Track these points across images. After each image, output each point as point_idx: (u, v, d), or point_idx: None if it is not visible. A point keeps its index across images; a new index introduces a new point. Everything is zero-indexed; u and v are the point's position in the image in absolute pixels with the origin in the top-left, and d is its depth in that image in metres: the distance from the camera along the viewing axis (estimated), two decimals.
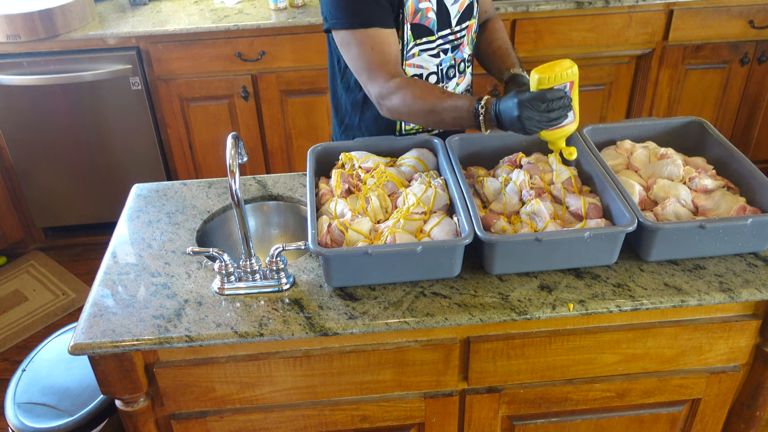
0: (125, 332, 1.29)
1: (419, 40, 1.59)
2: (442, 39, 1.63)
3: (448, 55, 1.66)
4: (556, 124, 1.35)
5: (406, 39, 1.58)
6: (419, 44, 1.60)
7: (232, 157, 1.28)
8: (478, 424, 1.53)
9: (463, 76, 1.74)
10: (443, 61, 1.65)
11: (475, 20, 1.70)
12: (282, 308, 1.33)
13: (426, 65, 1.64)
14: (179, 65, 2.75)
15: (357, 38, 1.50)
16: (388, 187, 1.51)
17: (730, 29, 2.84)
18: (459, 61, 1.70)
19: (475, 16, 1.69)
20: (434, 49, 1.63)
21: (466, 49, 1.70)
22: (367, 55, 1.51)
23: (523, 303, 1.32)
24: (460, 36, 1.66)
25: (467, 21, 1.66)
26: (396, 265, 1.33)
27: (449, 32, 1.63)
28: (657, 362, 1.47)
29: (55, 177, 2.96)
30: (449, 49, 1.65)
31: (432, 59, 1.63)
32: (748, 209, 1.40)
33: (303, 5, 2.83)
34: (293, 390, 1.42)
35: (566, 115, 1.35)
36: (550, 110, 1.31)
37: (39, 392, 1.68)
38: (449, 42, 1.65)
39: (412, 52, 1.60)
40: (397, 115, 1.54)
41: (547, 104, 1.31)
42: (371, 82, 1.52)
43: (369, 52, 1.50)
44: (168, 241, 1.53)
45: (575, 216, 1.44)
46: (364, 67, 1.52)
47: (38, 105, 2.77)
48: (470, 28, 1.68)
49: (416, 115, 1.50)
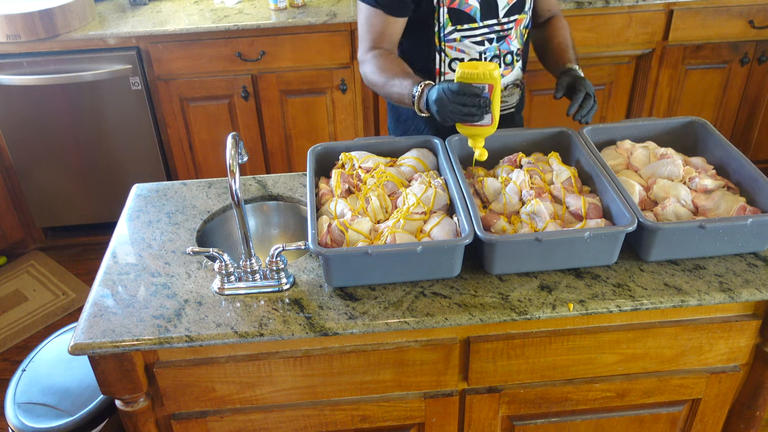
0: (125, 332, 1.29)
1: (459, 26, 1.65)
2: (488, 28, 1.66)
3: (493, 45, 1.69)
4: (469, 120, 1.41)
5: (443, 22, 1.63)
6: (460, 30, 1.65)
7: (232, 157, 1.28)
8: (478, 424, 1.53)
9: (510, 68, 1.75)
10: (488, 50, 1.69)
11: (527, 15, 1.71)
12: (282, 308, 1.33)
13: (468, 51, 1.69)
14: (179, 65, 2.75)
15: (363, 11, 1.67)
16: (388, 187, 1.51)
17: (730, 29, 2.84)
18: (505, 53, 1.72)
19: (527, 11, 1.70)
20: (478, 37, 1.66)
21: (514, 42, 1.72)
22: (365, 27, 1.67)
23: (523, 303, 1.32)
24: (507, 28, 1.69)
25: (516, 14, 1.68)
26: (396, 265, 1.33)
27: (495, 22, 1.66)
28: (657, 362, 1.47)
29: (55, 177, 2.96)
30: (494, 39, 1.68)
31: (475, 46, 1.68)
32: (748, 209, 1.40)
33: (303, 5, 2.83)
34: (293, 390, 1.42)
35: (482, 114, 1.39)
36: (463, 104, 1.38)
37: (39, 392, 1.68)
38: (495, 32, 1.68)
39: (452, 36, 1.66)
40: (366, 82, 1.69)
41: (461, 97, 1.37)
42: (360, 49, 1.70)
43: (367, 26, 1.67)
44: (168, 241, 1.53)
45: (575, 216, 1.44)
46: (360, 35, 1.69)
47: (38, 105, 2.77)
48: (519, 22, 1.70)
49: (374, 86, 1.65)
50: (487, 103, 1.38)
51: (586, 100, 1.56)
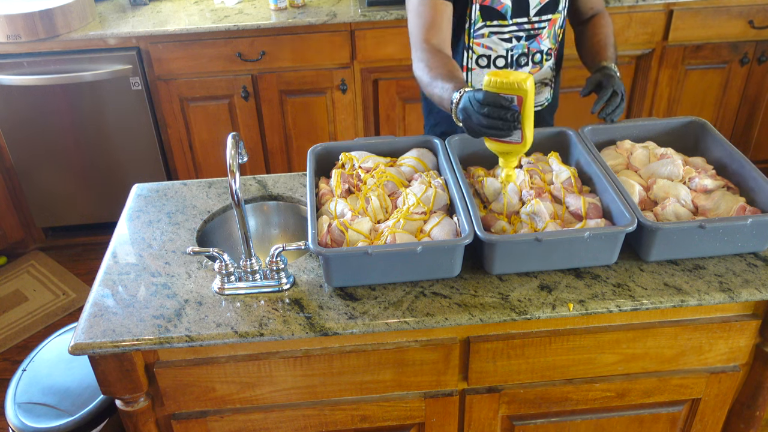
0: (125, 332, 1.29)
1: (489, 22, 1.64)
2: (517, 26, 1.66)
3: (521, 43, 1.68)
4: (494, 135, 1.29)
5: (474, 18, 1.63)
6: (490, 26, 1.65)
7: (232, 157, 1.28)
8: (478, 424, 1.53)
9: (539, 67, 1.75)
10: (515, 47, 1.69)
11: (561, 15, 1.70)
12: (282, 308, 1.33)
13: (495, 48, 1.68)
14: (179, 65, 2.75)
15: (412, 5, 1.63)
16: (388, 187, 1.51)
17: (730, 29, 2.84)
18: (534, 51, 1.71)
19: (560, 11, 1.69)
20: (506, 34, 1.66)
21: (545, 42, 1.71)
22: (414, 20, 1.62)
23: (523, 303, 1.32)
24: (538, 27, 1.68)
25: (549, 14, 1.68)
26: (396, 265, 1.33)
27: (526, 21, 1.66)
28: (657, 362, 1.47)
29: (55, 177, 2.96)
30: (523, 37, 1.68)
31: (503, 43, 1.67)
32: (748, 209, 1.40)
33: (303, 5, 2.83)
34: (293, 390, 1.42)
35: (509, 130, 1.26)
36: (488, 116, 1.26)
37: (39, 392, 1.68)
38: (524, 30, 1.67)
39: (480, 32, 1.65)
40: (415, 76, 1.61)
41: (486, 108, 1.26)
42: (412, 45, 1.64)
43: (416, 18, 1.61)
44: (168, 241, 1.53)
45: (575, 216, 1.44)
46: (412, 30, 1.63)
47: (38, 105, 2.77)
48: (553, 22, 1.69)
49: (420, 83, 1.59)
50: (515, 117, 1.25)
51: (612, 97, 1.53)
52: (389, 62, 2.81)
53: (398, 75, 2.85)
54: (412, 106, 2.94)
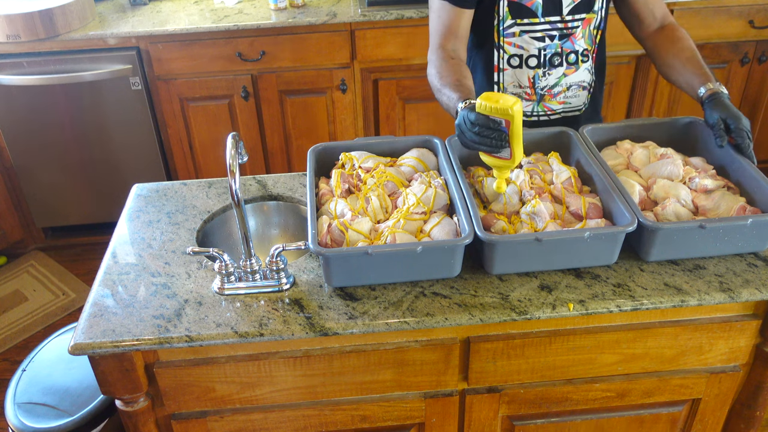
0: (125, 332, 1.29)
1: (520, 20, 1.64)
2: (549, 25, 1.65)
3: (554, 42, 1.67)
4: (484, 149, 1.38)
5: (503, 15, 1.63)
6: (520, 24, 1.64)
7: (232, 157, 1.28)
8: (478, 424, 1.53)
9: (574, 68, 1.73)
10: (548, 47, 1.67)
11: (596, 15, 1.68)
12: (282, 308, 1.33)
13: (527, 47, 1.68)
14: (179, 65, 2.75)
15: (434, 5, 1.67)
16: (388, 187, 1.51)
17: (730, 29, 2.84)
18: (568, 52, 1.70)
19: (596, 11, 1.67)
20: (538, 33, 1.65)
21: (579, 42, 1.70)
22: (434, 23, 1.68)
23: (523, 303, 1.32)
24: (571, 26, 1.66)
25: (583, 13, 1.66)
26: (396, 265, 1.33)
27: (558, 19, 1.65)
28: (657, 362, 1.47)
29: (55, 177, 2.96)
30: (556, 36, 1.67)
31: (535, 42, 1.67)
32: (748, 209, 1.40)
33: (303, 5, 2.83)
34: (293, 390, 1.42)
35: (498, 148, 1.36)
36: (478, 134, 1.35)
37: (39, 392, 1.68)
38: (557, 29, 1.66)
39: (511, 30, 1.65)
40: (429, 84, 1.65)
41: (477, 128, 1.35)
42: (429, 45, 1.68)
43: (436, 21, 1.67)
44: (168, 241, 1.53)
45: (575, 216, 1.44)
46: (431, 31, 1.69)
47: (38, 105, 2.77)
48: (588, 21, 1.68)
49: (432, 90, 1.62)
50: (502, 137, 1.34)
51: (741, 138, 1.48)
52: (389, 62, 2.81)
53: (398, 75, 2.85)
54: (412, 106, 2.94)
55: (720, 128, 1.49)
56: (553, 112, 1.79)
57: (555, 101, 1.77)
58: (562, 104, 1.78)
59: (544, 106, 1.77)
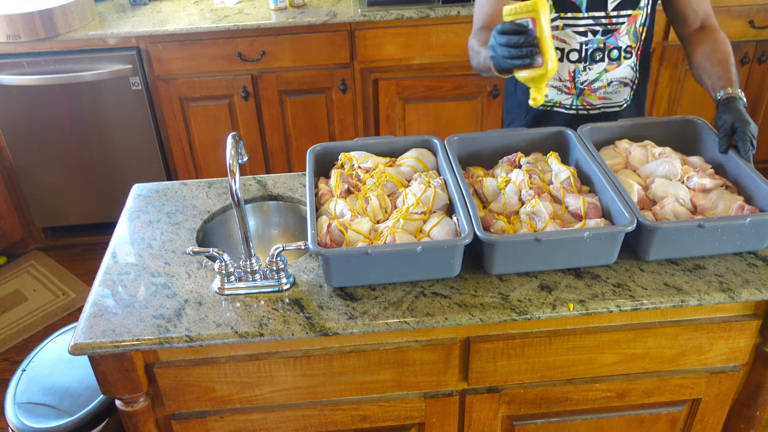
0: (125, 332, 1.29)
1: (563, 14, 1.64)
2: (593, 20, 1.64)
3: (597, 38, 1.67)
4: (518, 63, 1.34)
5: None
6: (564, 18, 1.64)
7: (232, 157, 1.28)
8: (478, 424, 1.53)
9: (616, 64, 1.72)
10: (590, 41, 1.67)
11: (642, 12, 1.67)
12: (282, 308, 1.33)
13: (569, 41, 1.67)
14: (179, 65, 2.75)
15: None
16: (387, 187, 1.51)
17: (730, 29, 2.83)
18: (611, 48, 1.69)
19: (642, 7, 1.67)
20: (581, 27, 1.65)
21: (623, 38, 1.69)
22: (477, 9, 1.70)
23: (523, 303, 1.32)
24: (616, 22, 1.65)
25: (629, 10, 1.65)
26: (396, 265, 1.33)
27: (603, 15, 1.64)
28: (657, 362, 1.47)
29: (55, 177, 2.96)
30: (600, 32, 1.66)
31: (577, 36, 1.66)
32: (747, 208, 1.40)
33: (303, 5, 2.83)
34: (293, 390, 1.42)
35: (531, 54, 1.30)
36: (506, 44, 1.32)
37: (39, 392, 1.68)
38: (601, 24, 1.65)
39: (554, 23, 1.64)
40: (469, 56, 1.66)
41: (504, 36, 1.32)
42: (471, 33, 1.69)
43: (480, 9, 1.68)
44: (168, 241, 1.53)
45: (574, 216, 1.44)
46: (474, 18, 1.71)
47: (38, 105, 2.77)
48: (633, 18, 1.67)
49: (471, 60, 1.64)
50: (531, 40, 1.29)
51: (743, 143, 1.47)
52: (389, 62, 2.81)
53: (398, 75, 2.85)
54: (412, 106, 2.94)
55: (725, 131, 1.49)
56: (592, 107, 1.79)
57: (594, 96, 1.77)
58: (601, 99, 1.77)
59: (584, 101, 1.77)
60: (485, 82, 2.86)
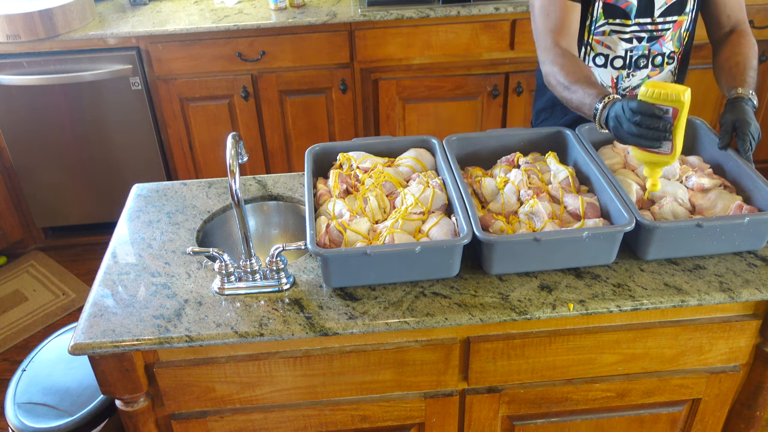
0: (125, 332, 1.29)
1: (612, 20, 1.62)
2: (639, 26, 1.63)
3: (642, 44, 1.66)
4: (644, 144, 1.31)
5: (596, 15, 1.61)
6: (611, 24, 1.62)
7: (232, 157, 1.28)
8: (478, 424, 1.53)
9: (659, 70, 1.72)
10: (635, 48, 1.66)
11: (687, 17, 1.67)
12: (282, 308, 1.33)
13: (614, 47, 1.66)
14: (179, 65, 2.75)
15: (537, 4, 1.61)
16: (386, 188, 1.51)
17: None
18: (655, 54, 1.68)
19: (687, 13, 1.66)
20: (627, 35, 1.63)
21: (668, 44, 1.68)
22: (542, 20, 1.60)
23: (523, 303, 1.32)
24: (661, 28, 1.64)
25: (675, 16, 1.64)
26: (395, 265, 1.33)
27: (649, 21, 1.63)
28: (657, 362, 1.47)
29: (55, 177, 2.96)
30: (645, 39, 1.65)
31: (623, 43, 1.65)
32: (745, 208, 1.40)
33: (303, 5, 2.83)
34: (293, 390, 1.42)
35: (660, 141, 1.28)
36: (640, 124, 1.28)
37: (39, 392, 1.68)
38: (647, 31, 1.64)
39: (601, 29, 1.63)
40: (546, 81, 1.59)
41: (639, 117, 1.28)
42: (538, 45, 1.62)
43: (543, 17, 1.60)
44: (168, 241, 1.53)
45: (573, 216, 1.44)
46: (539, 29, 1.62)
47: (38, 105, 2.77)
48: (679, 24, 1.66)
49: (554, 88, 1.57)
50: (668, 128, 1.27)
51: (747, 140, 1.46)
52: (389, 62, 2.81)
53: (398, 75, 2.85)
54: (412, 106, 2.94)
55: (726, 129, 1.49)
56: None
57: None
58: None
59: None
60: (485, 82, 2.86)
